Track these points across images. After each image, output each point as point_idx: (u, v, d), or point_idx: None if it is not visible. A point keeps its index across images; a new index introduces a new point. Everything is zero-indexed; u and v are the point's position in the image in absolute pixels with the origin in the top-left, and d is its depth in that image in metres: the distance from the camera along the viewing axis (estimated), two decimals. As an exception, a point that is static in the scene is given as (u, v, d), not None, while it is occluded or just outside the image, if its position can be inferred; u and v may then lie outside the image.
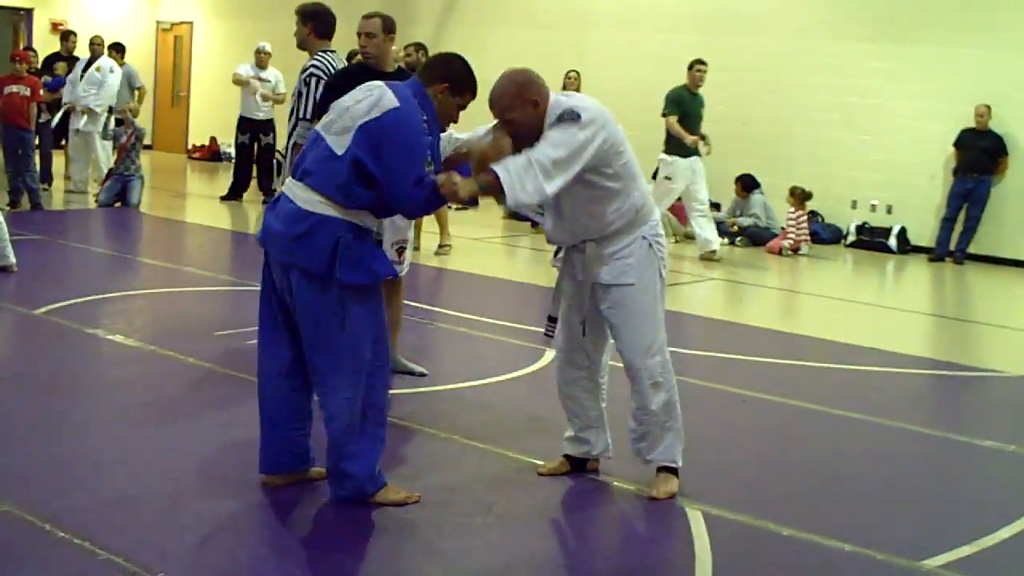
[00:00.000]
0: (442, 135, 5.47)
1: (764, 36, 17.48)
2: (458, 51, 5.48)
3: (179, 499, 5.15)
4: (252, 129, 17.32)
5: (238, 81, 17.38)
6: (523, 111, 5.24)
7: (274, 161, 17.82)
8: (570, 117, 5.17)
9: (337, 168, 4.87)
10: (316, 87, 7.60)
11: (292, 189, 5.00)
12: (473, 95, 5.30)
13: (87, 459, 5.69)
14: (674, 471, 5.68)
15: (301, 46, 8.14)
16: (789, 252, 15.70)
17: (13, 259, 10.26)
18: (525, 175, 4.97)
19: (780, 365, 8.84)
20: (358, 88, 5.12)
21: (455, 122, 5.33)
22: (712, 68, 17.65)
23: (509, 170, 4.96)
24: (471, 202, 5.11)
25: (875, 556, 5.03)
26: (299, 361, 5.15)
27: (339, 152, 4.89)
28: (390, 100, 4.94)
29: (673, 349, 8.74)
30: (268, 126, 17.38)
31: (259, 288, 5.24)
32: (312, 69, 7.76)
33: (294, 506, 5.18)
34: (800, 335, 10.15)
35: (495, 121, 5.37)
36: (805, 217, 16.09)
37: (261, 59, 17.49)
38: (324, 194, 4.88)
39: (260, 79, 17.32)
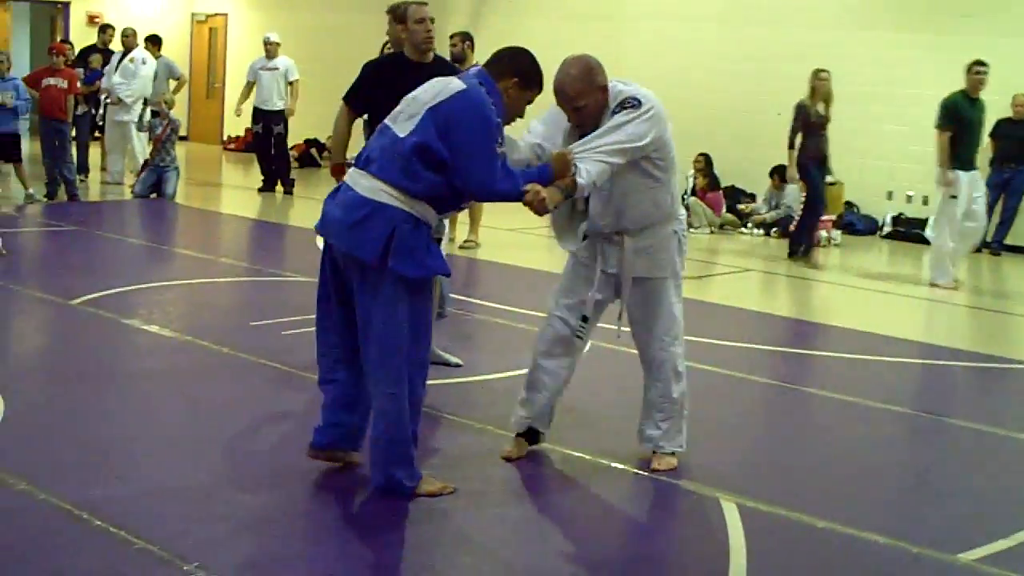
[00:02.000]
0: (522, 144, 5.47)
1: (800, 26, 17.39)
2: (492, 43, 5.49)
3: (214, 490, 5.17)
4: (264, 119, 17.33)
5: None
6: (593, 97, 5.33)
7: (287, 152, 17.89)
8: (632, 104, 5.29)
9: (399, 150, 4.88)
10: None
11: (354, 177, 5.01)
12: (541, 89, 5.29)
13: (123, 449, 5.72)
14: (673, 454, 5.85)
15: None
16: (826, 242, 15.64)
17: None
18: (598, 165, 5.15)
19: (815, 356, 8.81)
20: (429, 83, 5.10)
21: (521, 117, 5.30)
22: (746, 58, 17.64)
23: (589, 170, 5.13)
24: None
25: (910, 549, 5.01)
26: (355, 350, 5.17)
27: (402, 135, 4.90)
28: (457, 84, 4.98)
29: (709, 340, 8.80)
30: (280, 116, 17.36)
31: (315, 279, 5.27)
32: None
33: (328, 497, 5.20)
34: (834, 326, 10.10)
35: (547, 115, 5.45)
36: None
37: (269, 49, 17.52)
38: (387, 180, 4.88)
39: (268, 69, 17.34)
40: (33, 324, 8.61)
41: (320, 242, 5.35)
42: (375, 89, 7.07)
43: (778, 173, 16.65)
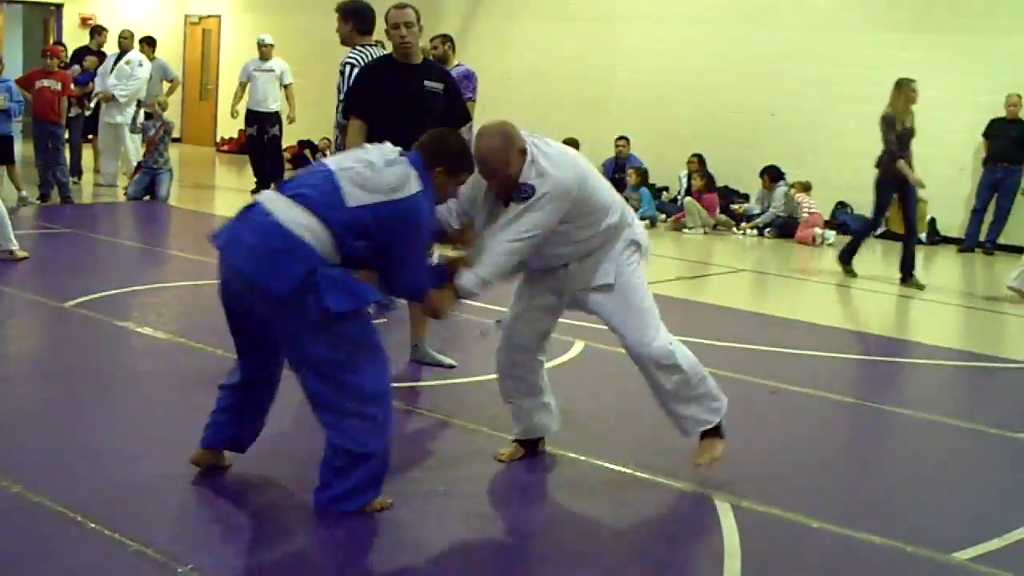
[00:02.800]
0: (451, 204, 5.42)
1: (792, 27, 17.41)
2: (485, 44, 5.46)
3: (208, 492, 5.17)
4: (258, 122, 17.30)
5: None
6: (516, 162, 5.19)
7: (281, 154, 17.88)
8: (525, 195, 5.18)
9: (338, 215, 4.69)
10: (350, 75, 7.65)
11: (276, 203, 4.74)
12: (471, 172, 5.19)
13: (117, 451, 5.71)
14: (716, 433, 5.74)
15: (344, 42, 8.15)
16: (822, 240, 15.69)
17: (16, 244, 10.37)
18: (497, 260, 5.23)
19: (810, 356, 8.81)
20: (383, 147, 5.02)
21: (443, 201, 5.21)
22: (739, 59, 17.67)
23: (480, 274, 5.21)
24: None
25: (905, 548, 5.01)
26: (263, 371, 5.16)
27: (349, 204, 4.71)
28: (416, 182, 4.82)
29: (703, 340, 8.81)
30: (274, 118, 17.33)
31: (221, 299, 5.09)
32: (348, 59, 7.87)
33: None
34: (829, 326, 10.11)
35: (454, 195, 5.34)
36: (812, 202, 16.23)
37: (263, 51, 17.50)
38: (320, 220, 4.66)
39: (263, 71, 17.31)
40: (26, 326, 8.60)
41: None
42: (372, 94, 7.05)
43: (768, 173, 16.69)
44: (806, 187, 16.36)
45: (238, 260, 4.75)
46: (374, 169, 4.81)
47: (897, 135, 12.75)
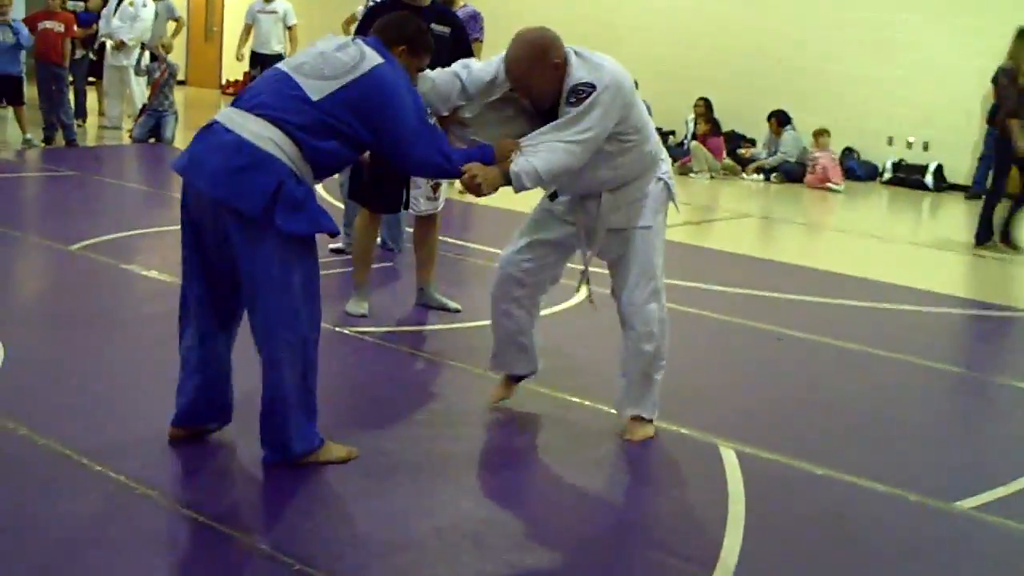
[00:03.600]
0: (461, 72, 5.21)
1: (801, -30, 17.30)
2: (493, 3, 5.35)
3: (213, 436, 5.17)
4: (263, 63, 17.20)
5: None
6: (543, 77, 5.01)
7: None
8: (585, 93, 4.96)
9: (307, 112, 4.54)
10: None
11: (234, 119, 4.59)
12: (429, 55, 5.03)
13: (122, 395, 5.72)
14: (649, 420, 5.58)
15: None
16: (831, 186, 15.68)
17: None
18: (554, 156, 4.92)
19: (815, 303, 8.80)
20: (329, 37, 4.86)
21: (414, 85, 4.99)
22: (745, 4, 17.54)
23: (535, 164, 4.89)
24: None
25: (908, 497, 5.02)
26: (224, 313, 4.92)
27: (315, 97, 4.56)
28: (373, 55, 4.68)
29: (708, 286, 8.81)
30: (278, 60, 17.21)
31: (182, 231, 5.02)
32: (371, 2, 8.01)
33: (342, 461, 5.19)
34: (835, 273, 10.09)
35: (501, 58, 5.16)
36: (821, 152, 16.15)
37: None
38: (284, 131, 4.50)
39: (267, 12, 17.21)
40: (31, 269, 8.60)
41: (322, 188, 5.23)
42: None
43: (776, 117, 16.61)
44: (822, 132, 16.19)
45: (202, 183, 4.59)
46: (327, 57, 4.67)
47: (1019, 91, 11.84)
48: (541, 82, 5.01)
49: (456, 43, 7.07)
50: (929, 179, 16.30)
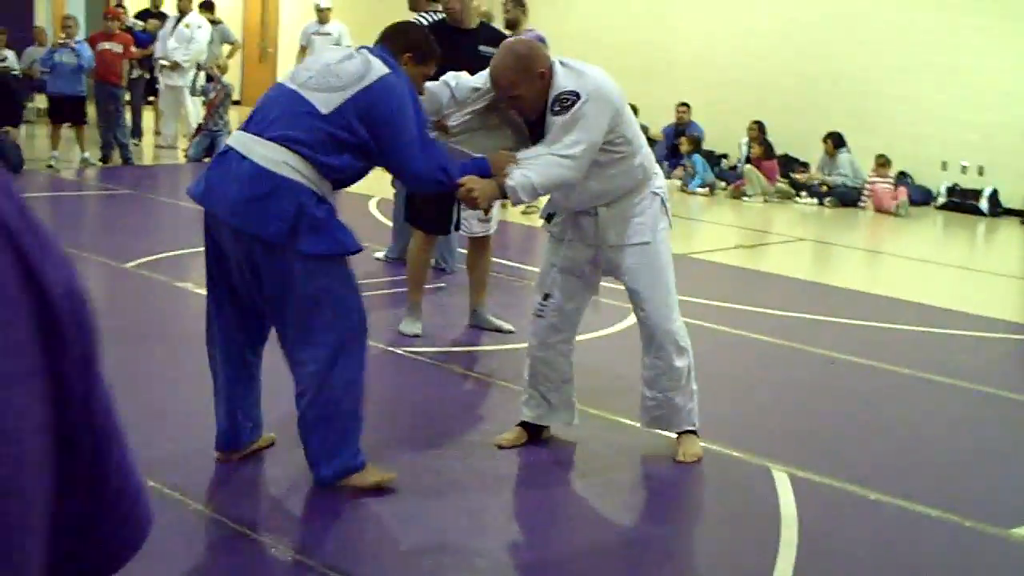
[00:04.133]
0: (451, 81, 5.22)
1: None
2: (543, 10, 5.39)
3: (265, 452, 5.20)
4: None
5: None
6: (530, 86, 4.98)
7: None
8: (570, 100, 4.93)
9: (318, 127, 4.54)
10: None
11: (250, 146, 4.58)
12: (437, 61, 5.04)
13: (177, 411, 5.76)
14: (694, 432, 5.54)
15: (412, 8, 8.23)
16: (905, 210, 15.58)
17: None
18: (550, 170, 4.90)
19: (869, 327, 8.75)
20: (332, 48, 4.85)
21: (421, 93, 5.03)
22: (801, 25, 17.50)
23: (529, 176, 4.86)
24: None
25: (963, 523, 4.98)
26: (251, 334, 4.90)
27: (324, 111, 4.56)
28: (380, 65, 4.68)
29: (762, 310, 8.79)
30: None
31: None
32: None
33: (377, 462, 5.20)
34: (888, 297, 10.03)
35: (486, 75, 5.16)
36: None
37: (321, 15, 17.49)
38: (295, 151, 4.50)
39: (322, 34, 17.30)
40: (89, 287, 8.62)
41: (377, 209, 5.25)
42: None
43: (831, 138, 16.53)
44: (883, 161, 16.08)
45: (222, 212, 4.58)
46: (333, 69, 4.67)
47: None
48: (527, 91, 4.99)
49: None
50: (984, 204, 16.16)
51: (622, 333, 7.54)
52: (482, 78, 5.23)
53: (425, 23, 7.75)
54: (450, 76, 5.27)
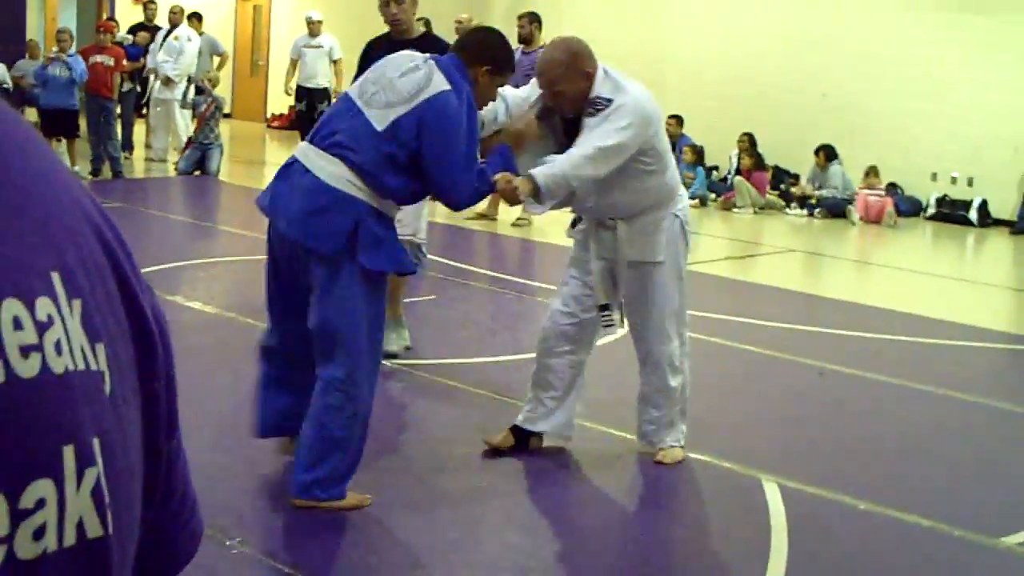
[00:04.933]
0: (506, 95, 5.25)
1: (844, 7, 17.27)
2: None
3: (257, 465, 5.20)
4: (308, 97, 17.34)
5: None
6: (574, 84, 5.07)
7: None
8: (603, 105, 5.02)
9: (376, 145, 4.56)
10: None
11: (313, 159, 4.64)
12: (513, 72, 5.04)
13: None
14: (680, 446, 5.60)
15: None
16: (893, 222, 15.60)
17: None
18: (578, 162, 4.94)
19: (858, 338, 8.77)
20: (399, 57, 4.85)
21: (493, 100, 5.08)
22: (790, 39, 17.55)
23: (562, 167, 4.92)
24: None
25: (952, 532, 4.99)
26: (306, 343, 4.82)
27: (379, 127, 4.57)
28: (440, 81, 4.64)
29: (752, 321, 8.80)
30: (323, 94, 17.34)
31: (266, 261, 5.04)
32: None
33: (367, 473, 5.21)
34: (879, 308, 10.04)
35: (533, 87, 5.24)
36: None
37: (312, 28, 17.52)
38: (357, 171, 4.54)
39: (312, 47, 17.33)
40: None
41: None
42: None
43: (823, 151, 16.56)
44: (872, 171, 16.10)
45: (282, 224, 4.67)
46: (391, 85, 4.67)
47: None
48: (570, 87, 5.07)
49: None
50: (973, 215, 16.20)
51: (618, 343, 7.54)
52: (527, 90, 5.31)
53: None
54: (504, 89, 5.26)
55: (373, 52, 7.00)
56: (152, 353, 0.94)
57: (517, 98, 5.32)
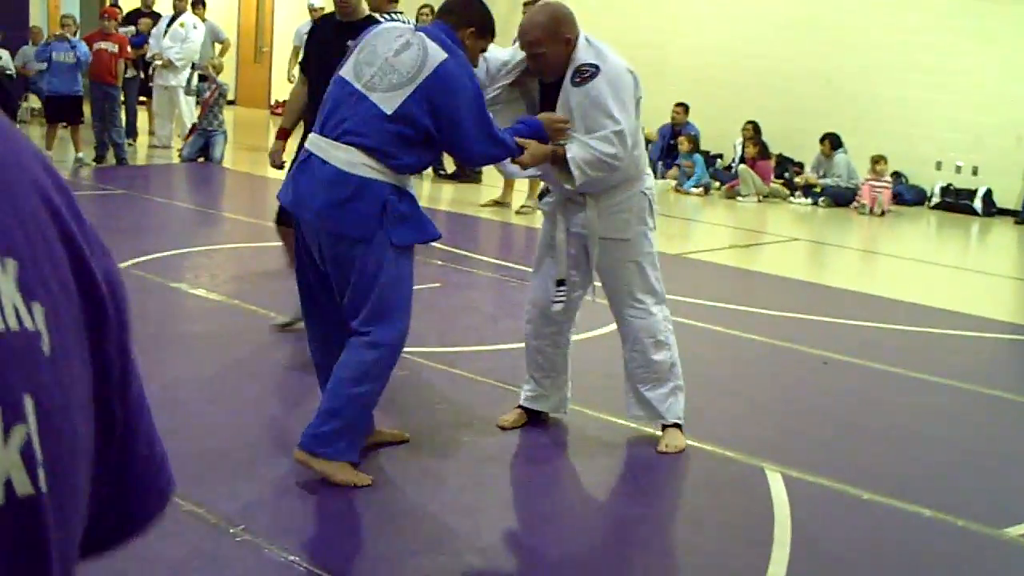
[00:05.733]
0: (487, 56, 5.29)
1: (850, -6, 17.25)
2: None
3: (259, 452, 5.21)
4: None
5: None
6: (554, 47, 5.15)
7: None
8: (589, 72, 5.11)
9: (386, 129, 4.66)
10: None
11: (326, 149, 4.75)
12: (494, 37, 5.13)
13: (169, 411, 5.75)
14: (679, 426, 5.64)
15: (374, 9, 8.28)
16: (882, 210, 15.58)
17: None
18: (601, 146, 5.06)
19: (862, 327, 8.76)
20: (384, 32, 4.88)
21: (475, 66, 5.07)
22: (794, 27, 17.52)
23: (577, 157, 5.05)
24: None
25: (955, 522, 4.98)
26: (344, 327, 4.95)
27: (388, 111, 4.66)
28: (436, 51, 4.71)
29: (756, 310, 8.79)
30: None
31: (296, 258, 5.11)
32: None
33: (368, 461, 5.21)
34: (882, 297, 10.04)
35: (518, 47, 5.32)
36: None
37: (314, 14, 17.49)
38: (371, 154, 4.66)
39: None
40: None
41: None
42: (315, 55, 6.95)
43: (828, 139, 16.53)
44: (880, 159, 16.06)
45: (311, 216, 4.77)
46: (391, 63, 4.73)
47: None
48: (551, 51, 5.14)
49: None
50: (978, 204, 16.18)
51: (613, 332, 7.54)
52: (508, 52, 5.39)
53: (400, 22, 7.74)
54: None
55: (320, 34, 7.00)
56: (103, 314, 0.95)
57: (497, 61, 5.38)
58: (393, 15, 7.94)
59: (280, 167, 7.11)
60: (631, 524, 4.88)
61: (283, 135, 7.31)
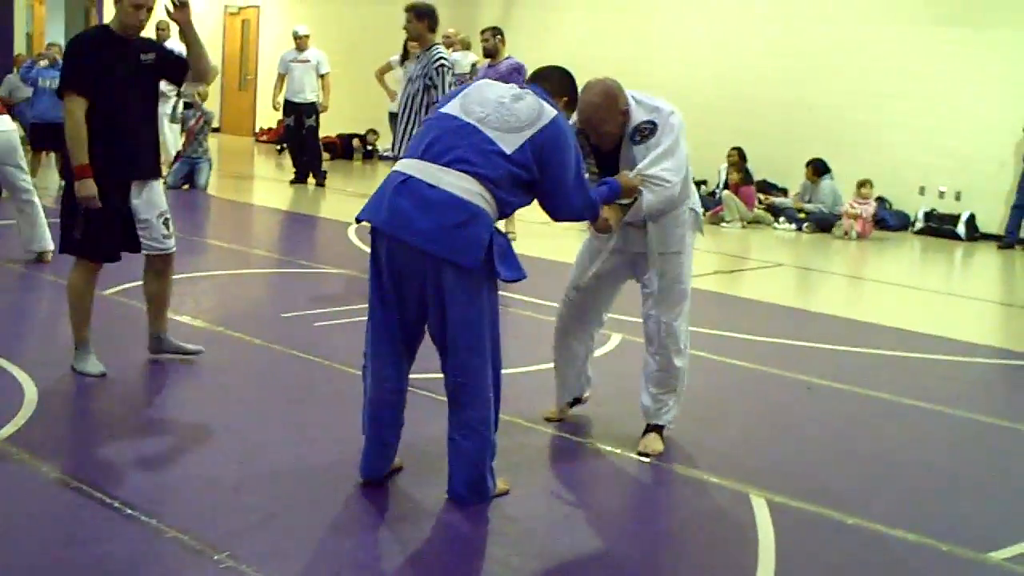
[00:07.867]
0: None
1: (832, 22, 17.33)
2: (523, 35, 5.56)
3: (243, 480, 5.19)
4: (296, 112, 17.39)
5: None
6: (615, 121, 5.57)
7: (319, 143, 17.91)
8: (648, 129, 5.61)
9: (503, 166, 4.77)
10: (447, 75, 9.01)
11: (434, 174, 4.75)
12: (575, 111, 5.48)
13: (153, 438, 5.75)
14: (661, 430, 5.99)
15: (416, 39, 8.75)
16: (855, 234, 15.63)
17: (51, 246, 10.33)
18: (664, 192, 5.58)
19: (846, 352, 8.78)
20: (495, 84, 5.06)
21: None
22: (778, 54, 17.60)
23: (649, 199, 5.56)
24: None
25: (940, 547, 4.99)
26: (408, 362, 5.11)
27: (508, 151, 4.78)
28: (549, 109, 4.94)
29: (739, 335, 8.80)
30: (311, 108, 17.42)
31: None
32: (442, 60, 9.09)
33: (355, 490, 5.20)
34: (867, 322, 10.06)
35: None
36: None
37: (299, 42, 17.59)
38: (484, 184, 4.73)
39: (300, 61, 17.39)
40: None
41: (356, 236, 5.27)
42: (95, 70, 7.04)
43: (812, 165, 16.59)
44: (865, 183, 16.11)
45: (412, 238, 4.73)
46: (507, 108, 4.89)
47: None
48: (611, 126, 5.59)
49: (163, 65, 7.28)
50: (961, 229, 16.24)
51: (602, 359, 7.54)
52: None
53: (441, 59, 8.47)
54: None
55: (102, 50, 6.91)
56: None
57: None
58: (435, 45, 8.65)
59: None
60: (615, 550, 4.87)
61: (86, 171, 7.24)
